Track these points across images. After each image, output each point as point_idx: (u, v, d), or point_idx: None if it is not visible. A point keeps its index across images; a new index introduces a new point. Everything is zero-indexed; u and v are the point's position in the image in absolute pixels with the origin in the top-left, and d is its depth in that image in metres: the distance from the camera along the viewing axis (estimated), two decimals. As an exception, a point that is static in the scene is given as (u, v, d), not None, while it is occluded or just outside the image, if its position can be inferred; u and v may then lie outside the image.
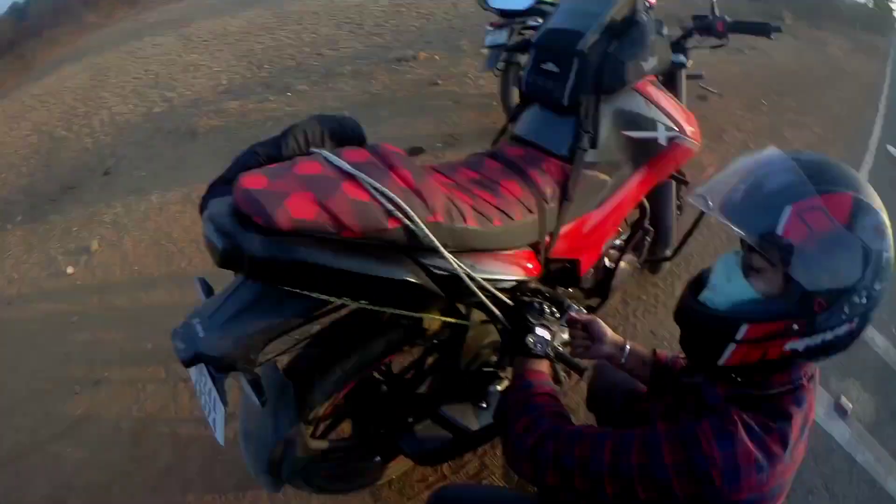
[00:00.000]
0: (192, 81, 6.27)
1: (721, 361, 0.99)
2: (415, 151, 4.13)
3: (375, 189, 1.10)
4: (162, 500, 2.09)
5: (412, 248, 1.18)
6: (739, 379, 1.01)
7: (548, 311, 1.37)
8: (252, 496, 2.05)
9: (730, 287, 0.98)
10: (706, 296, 1.03)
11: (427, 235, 1.15)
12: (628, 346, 1.44)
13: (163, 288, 3.10)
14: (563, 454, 0.99)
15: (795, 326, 0.91)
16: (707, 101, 5.41)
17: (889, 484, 2.66)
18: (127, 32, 9.50)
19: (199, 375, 1.31)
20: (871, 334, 3.47)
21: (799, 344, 0.92)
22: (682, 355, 1.37)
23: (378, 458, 1.78)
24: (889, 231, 0.89)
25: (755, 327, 0.94)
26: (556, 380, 1.61)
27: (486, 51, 3.65)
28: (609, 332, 1.45)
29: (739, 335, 0.95)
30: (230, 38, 7.71)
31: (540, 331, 1.31)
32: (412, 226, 1.13)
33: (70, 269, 3.32)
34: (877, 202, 0.90)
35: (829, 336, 0.91)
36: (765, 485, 0.88)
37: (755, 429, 0.89)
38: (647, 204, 2.06)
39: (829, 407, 2.89)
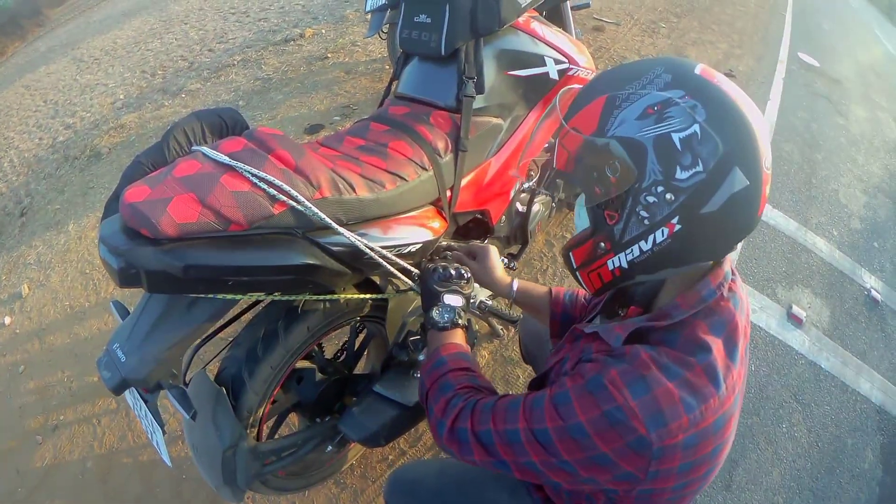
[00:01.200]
0: (90, 103, 6.03)
1: (588, 290, 1.03)
2: (314, 129, 4.10)
3: (254, 176, 1.07)
4: (141, 531, 2.07)
5: (305, 229, 1.15)
6: (625, 312, 1.00)
7: (454, 272, 1.34)
8: None
9: (580, 222, 1.00)
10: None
11: (315, 213, 1.12)
12: (516, 284, 1.44)
13: (96, 317, 3.05)
14: (480, 429, 0.96)
15: (602, 244, 0.92)
16: (604, 31, 5.46)
17: (861, 386, 2.75)
18: (21, 67, 9.06)
19: (133, 400, 1.29)
20: (813, 240, 3.60)
21: (617, 260, 0.91)
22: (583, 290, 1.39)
23: (330, 448, 1.75)
24: (690, 108, 0.79)
25: (576, 253, 0.99)
26: (472, 344, 1.60)
27: (369, 16, 3.59)
28: (499, 267, 1.46)
29: (573, 264, 1.01)
30: (120, 51, 7.43)
31: (449, 298, 1.29)
32: (297, 206, 1.10)
33: (7, 320, 3.23)
34: (663, 82, 0.82)
35: (646, 245, 0.86)
36: (701, 422, 0.81)
37: (671, 366, 0.82)
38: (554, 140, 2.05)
39: (781, 318, 2.97)
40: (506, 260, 1.73)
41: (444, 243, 1.55)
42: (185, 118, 1.46)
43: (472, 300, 1.36)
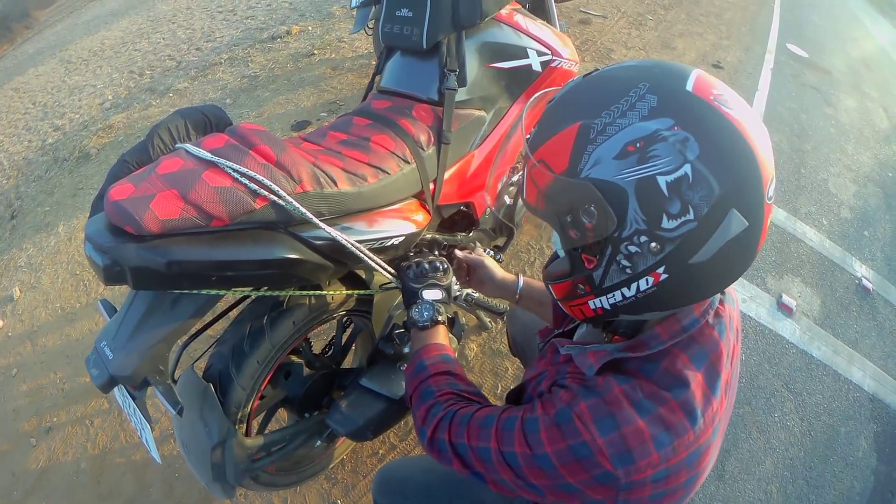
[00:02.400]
0: (79, 104, 6.00)
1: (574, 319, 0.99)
2: (300, 125, 4.10)
3: (235, 171, 1.07)
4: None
5: (287, 223, 1.15)
6: (608, 337, 0.96)
7: (428, 266, 1.34)
8: None
9: (557, 247, 0.91)
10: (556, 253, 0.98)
11: (296, 207, 1.13)
12: (522, 281, 1.43)
13: (87, 318, 3.05)
14: (456, 442, 0.95)
15: (581, 286, 0.83)
16: (590, 24, 5.45)
17: (853, 374, 2.76)
18: (9, 70, 9.00)
19: (122, 398, 1.30)
20: (803, 229, 3.61)
21: (598, 302, 0.82)
22: None
23: (319, 443, 1.75)
24: (680, 143, 0.67)
25: (556, 287, 0.90)
26: (459, 337, 1.61)
27: (355, 12, 3.60)
28: (498, 272, 1.44)
29: (554, 295, 0.93)
30: (108, 51, 7.39)
31: (427, 293, 1.29)
32: (278, 200, 1.11)
33: (0, 323, 3.21)
34: (648, 107, 0.70)
35: (629, 292, 0.77)
36: (673, 457, 0.77)
37: (644, 402, 0.77)
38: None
39: (772, 307, 2.97)
40: (492, 252, 1.73)
41: (429, 236, 1.55)
42: (169, 116, 1.47)
43: (453, 292, 1.36)
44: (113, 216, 0.99)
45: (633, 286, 0.76)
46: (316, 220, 1.16)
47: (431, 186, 1.53)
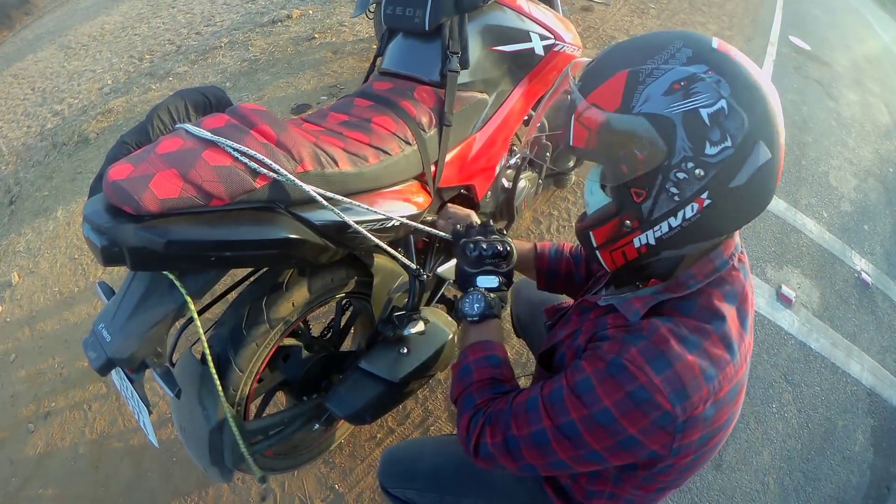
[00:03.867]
0: (78, 89, 5.99)
1: (608, 269, 1.02)
2: (301, 109, 4.09)
3: (236, 150, 1.06)
4: (133, 517, 2.07)
5: (287, 203, 1.14)
6: (643, 284, 0.99)
7: (486, 247, 1.24)
8: (214, 492, 2.05)
9: (593, 199, 0.98)
10: (585, 212, 1.03)
11: (298, 184, 1.11)
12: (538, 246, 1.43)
13: (85, 302, 3.05)
14: (505, 437, 0.95)
15: (628, 222, 0.90)
16: (592, 11, 5.44)
17: (852, 368, 2.75)
18: (8, 56, 8.97)
19: (119, 381, 1.29)
20: (803, 220, 3.59)
21: (644, 238, 0.89)
22: (569, 244, 1.39)
23: (317, 426, 1.75)
24: (715, 83, 0.79)
25: (598, 232, 0.96)
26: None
27: None
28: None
29: (594, 243, 0.98)
30: (108, 36, 7.37)
31: (483, 280, 1.22)
32: (280, 178, 1.10)
33: (-2, 308, 3.22)
34: (685, 57, 0.81)
35: (675, 221, 0.85)
36: (720, 391, 0.83)
37: (690, 337, 0.83)
38: (544, 119, 2.04)
39: (770, 298, 2.96)
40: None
41: (429, 219, 1.54)
42: (169, 98, 1.46)
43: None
44: (112, 196, 0.98)
45: (680, 214, 0.84)
46: (319, 198, 1.15)
47: (433, 168, 1.53)
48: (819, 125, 4.86)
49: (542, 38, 1.75)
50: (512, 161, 1.98)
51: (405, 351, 1.51)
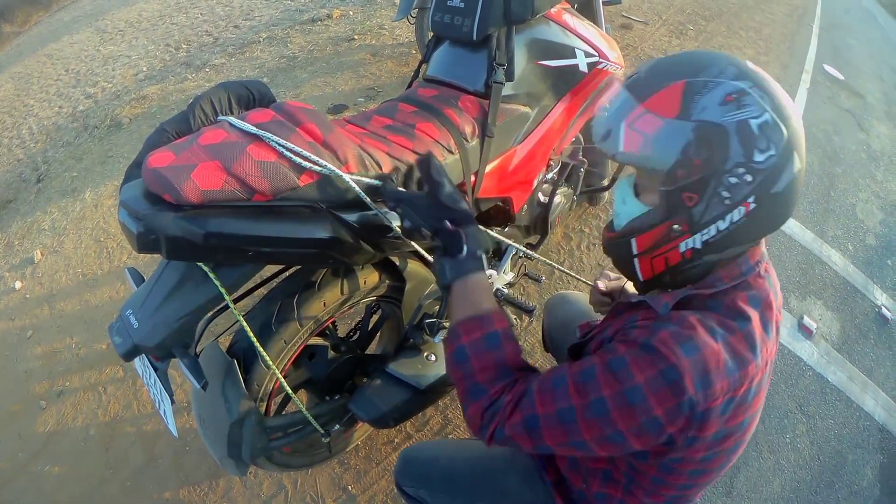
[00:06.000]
0: (113, 73, 6.05)
1: (641, 277, 1.04)
2: (338, 109, 4.10)
3: (282, 146, 1.06)
4: (141, 502, 2.07)
5: (330, 203, 1.14)
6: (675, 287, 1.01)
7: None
8: (225, 484, 2.06)
9: (626, 208, 1.02)
10: (614, 222, 1.07)
11: (351, 185, 1.12)
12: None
13: (108, 285, 3.07)
14: (525, 418, 0.93)
15: (676, 226, 0.93)
16: (632, 29, 5.43)
17: (866, 403, 2.71)
18: (43, 36, 9.10)
19: (142, 368, 1.30)
20: (828, 252, 3.55)
21: (692, 241, 0.93)
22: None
23: (337, 427, 1.75)
24: (760, 98, 0.86)
25: (642, 239, 0.99)
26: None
27: (398, 0, 3.57)
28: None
29: (634, 250, 1.01)
30: (145, 23, 7.45)
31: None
32: (330, 174, 1.10)
33: (18, 284, 3.25)
34: (733, 73, 0.87)
35: (723, 224, 0.90)
36: (738, 388, 0.87)
37: (717, 329, 0.87)
38: (580, 135, 2.04)
39: (793, 328, 2.93)
40: (524, 249, 1.72)
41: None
42: (212, 89, 1.46)
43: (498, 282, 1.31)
44: (151, 183, 0.98)
45: (728, 217, 0.89)
46: (368, 200, 1.15)
47: (472, 178, 1.53)
48: (849, 156, 4.80)
49: (587, 55, 1.75)
50: (549, 176, 1.97)
51: (433, 359, 1.51)
